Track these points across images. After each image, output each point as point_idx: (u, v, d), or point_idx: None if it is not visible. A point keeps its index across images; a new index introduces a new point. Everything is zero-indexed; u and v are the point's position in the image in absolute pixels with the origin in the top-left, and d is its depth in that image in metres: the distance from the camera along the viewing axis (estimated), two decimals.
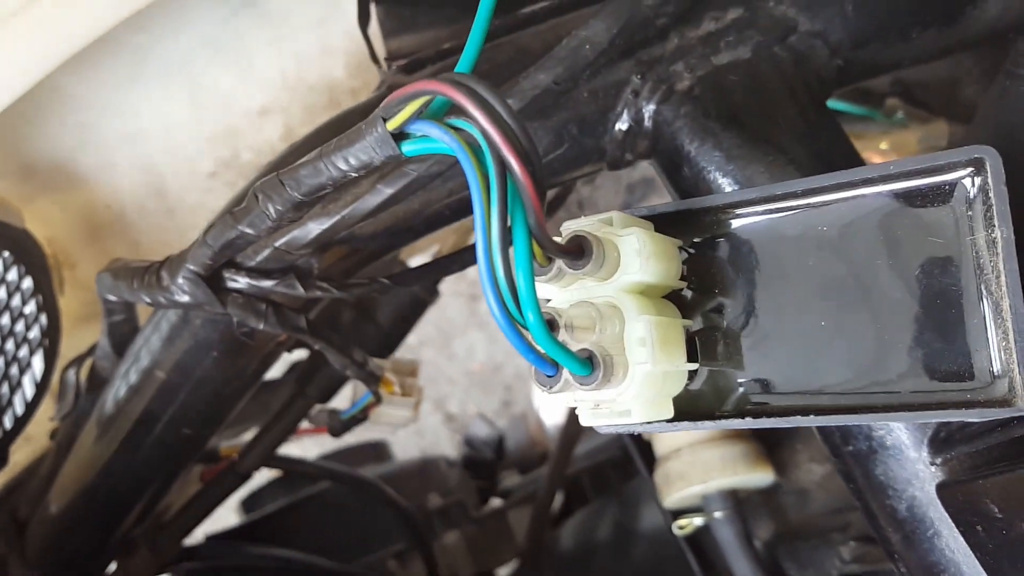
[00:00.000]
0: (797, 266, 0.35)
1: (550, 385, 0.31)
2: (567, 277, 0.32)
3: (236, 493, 0.98)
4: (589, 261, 0.31)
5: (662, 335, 0.32)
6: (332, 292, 0.44)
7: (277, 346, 0.54)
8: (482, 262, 0.28)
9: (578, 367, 0.30)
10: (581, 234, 0.31)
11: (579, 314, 0.31)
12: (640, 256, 0.32)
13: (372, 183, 0.41)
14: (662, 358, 0.32)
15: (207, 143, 0.70)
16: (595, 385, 0.30)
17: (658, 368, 0.32)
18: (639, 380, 0.31)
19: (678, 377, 0.35)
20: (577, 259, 0.31)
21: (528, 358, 0.30)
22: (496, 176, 0.27)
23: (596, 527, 1.08)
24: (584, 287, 0.33)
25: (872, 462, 0.39)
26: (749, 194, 0.35)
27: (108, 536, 0.73)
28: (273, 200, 0.36)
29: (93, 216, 0.71)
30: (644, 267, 0.32)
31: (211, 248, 0.41)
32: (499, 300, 0.29)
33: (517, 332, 0.29)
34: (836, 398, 0.34)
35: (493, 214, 0.27)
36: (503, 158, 0.26)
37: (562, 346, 0.30)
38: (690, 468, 0.63)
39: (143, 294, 0.45)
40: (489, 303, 0.29)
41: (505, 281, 0.28)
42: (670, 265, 0.34)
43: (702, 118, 0.43)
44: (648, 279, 0.32)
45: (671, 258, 0.34)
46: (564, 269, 0.31)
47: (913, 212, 0.34)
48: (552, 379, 0.31)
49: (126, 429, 0.60)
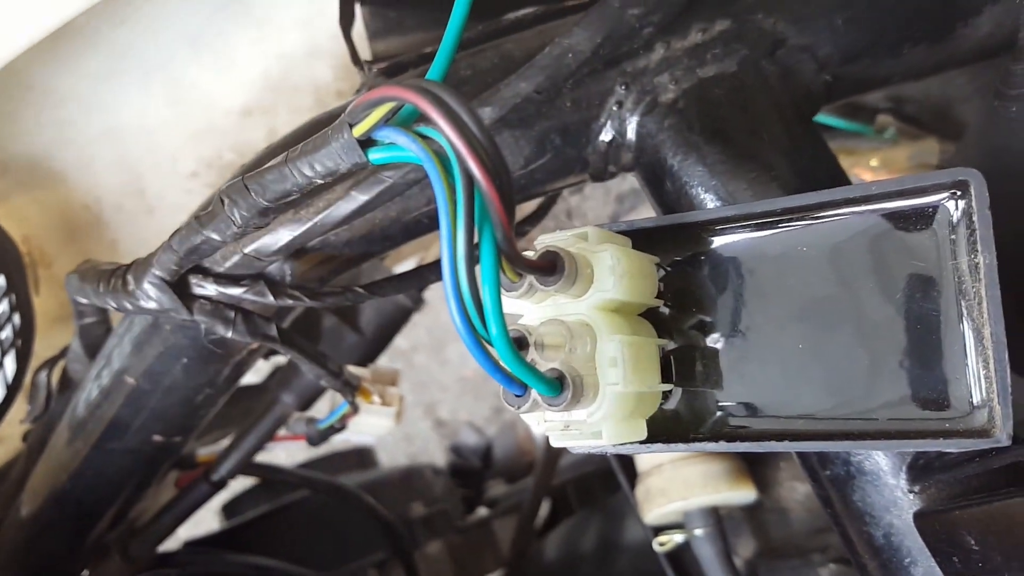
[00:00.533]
0: (776, 286, 0.35)
1: (518, 405, 0.30)
2: (539, 293, 0.31)
3: (217, 499, 0.97)
4: (561, 278, 0.30)
5: (635, 355, 0.31)
6: (303, 301, 0.43)
7: (249, 354, 0.53)
8: (447, 277, 0.27)
9: (545, 388, 0.29)
10: (554, 249, 0.30)
11: (549, 332, 0.30)
12: (614, 273, 0.31)
13: (346, 189, 0.40)
14: (634, 379, 0.31)
15: (188, 143, 0.69)
16: (563, 406, 0.29)
17: (630, 389, 0.31)
18: (610, 402, 0.30)
19: (652, 398, 0.34)
20: (549, 275, 0.30)
21: (495, 377, 0.29)
22: (463, 188, 0.26)
23: (580, 539, 1.07)
24: (557, 304, 0.32)
25: (850, 488, 0.38)
26: (728, 211, 0.34)
27: (80, 541, 0.72)
28: (239, 205, 0.35)
29: (70, 215, 0.70)
30: (618, 285, 0.31)
31: (176, 253, 0.39)
32: (464, 316, 0.28)
33: (483, 350, 0.28)
34: (813, 423, 0.33)
35: (459, 227, 0.26)
36: (468, 170, 0.25)
37: (528, 366, 0.28)
38: (671, 484, 0.62)
39: (109, 298, 0.44)
40: (454, 319, 0.28)
41: (470, 297, 0.27)
42: (646, 283, 0.33)
43: (686, 131, 0.42)
44: (622, 297, 0.31)
45: (647, 276, 0.34)
46: (535, 285, 0.30)
47: (895, 234, 0.33)
48: (520, 399, 0.30)
49: (96, 434, 0.59)
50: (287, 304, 0.43)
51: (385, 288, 0.46)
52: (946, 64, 0.49)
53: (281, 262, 0.45)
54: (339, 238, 0.45)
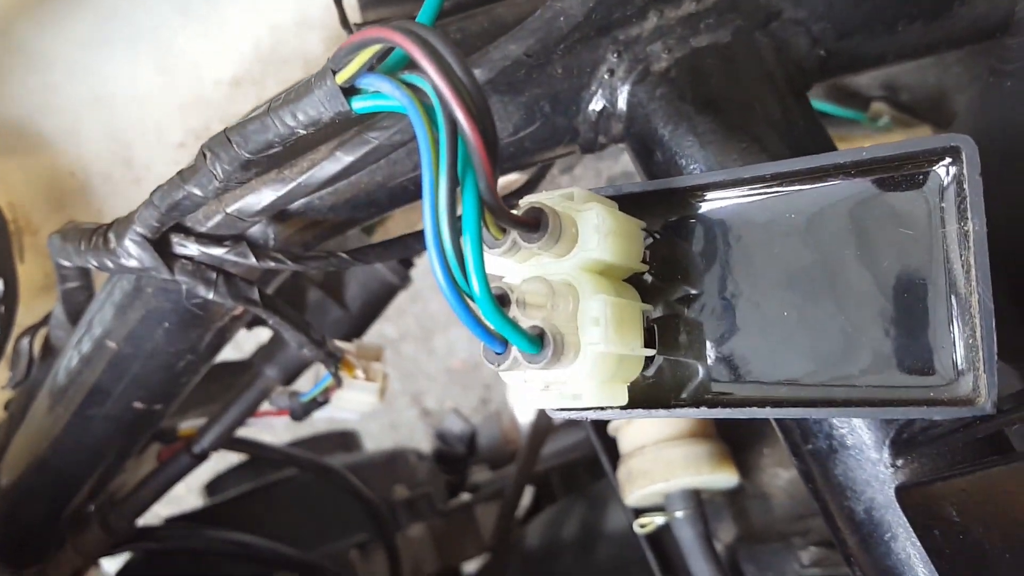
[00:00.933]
0: (764, 254, 0.34)
1: (498, 362, 0.30)
2: (522, 252, 0.31)
3: (199, 477, 0.96)
4: (545, 234, 0.29)
5: (618, 316, 0.31)
6: (286, 264, 0.43)
7: (232, 320, 0.52)
8: (428, 228, 0.27)
9: (527, 344, 0.29)
10: (538, 206, 0.30)
11: (531, 289, 0.29)
12: (599, 232, 0.30)
13: (331, 150, 0.39)
14: (616, 340, 0.30)
15: (177, 112, 0.68)
16: (544, 364, 0.29)
17: (611, 349, 0.30)
18: (591, 361, 0.30)
19: (634, 363, 0.34)
20: (532, 232, 0.30)
21: (475, 332, 0.29)
22: (447, 136, 0.26)
23: (563, 525, 1.06)
24: (540, 264, 0.32)
25: (832, 462, 0.37)
26: (717, 176, 0.34)
27: (60, 511, 0.72)
28: (220, 158, 0.34)
29: (57, 182, 0.69)
30: (602, 244, 0.30)
31: (158, 209, 0.39)
32: (446, 269, 0.27)
33: (464, 304, 0.28)
34: (796, 390, 0.33)
35: (441, 177, 0.26)
36: (452, 114, 0.25)
37: (510, 321, 0.28)
38: (654, 466, 0.61)
39: (91, 257, 0.43)
40: (435, 272, 0.27)
41: (452, 249, 0.27)
42: (630, 246, 0.33)
43: (677, 101, 0.41)
44: (606, 258, 0.31)
45: (632, 238, 0.33)
46: (519, 242, 0.30)
47: (885, 201, 0.32)
48: (501, 356, 0.30)
49: (77, 401, 0.59)
50: (269, 267, 0.42)
51: (370, 255, 0.46)
52: (940, 44, 0.49)
53: (264, 225, 0.45)
54: (323, 202, 0.45)
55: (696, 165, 0.40)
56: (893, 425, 0.36)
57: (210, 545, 0.88)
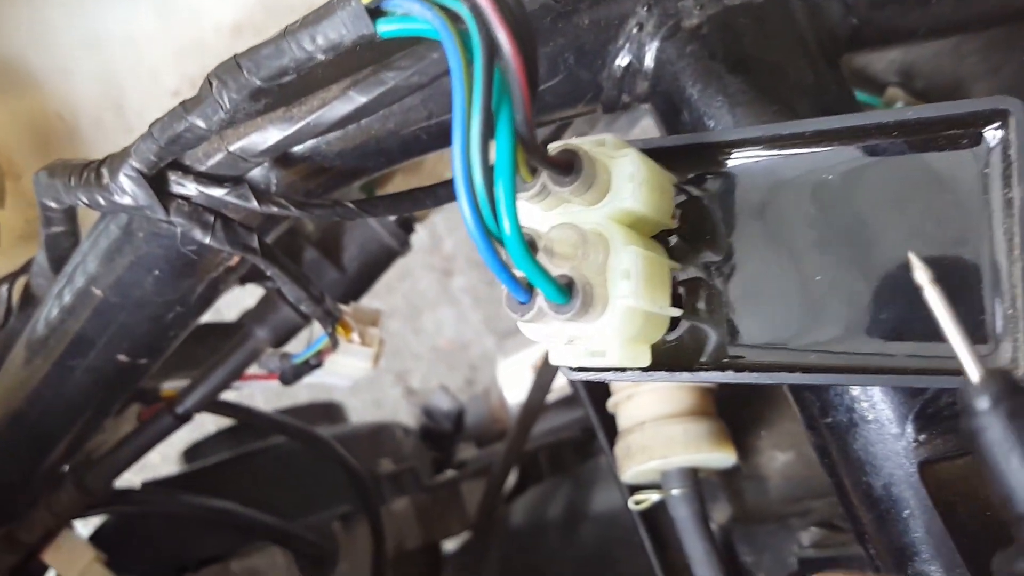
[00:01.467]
0: (796, 216, 0.33)
1: (522, 312, 0.28)
2: (551, 198, 0.29)
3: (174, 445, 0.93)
4: (578, 178, 0.28)
5: (648, 270, 0.29)
6: (289, 209, 0.41)
7: (227, 272, 0.50)
8: (458, 163, 0.25)
9: (555, 292, 0.27)
10: (572, 148, 0.28)
11: (561, 236, 0.28)
12: (633, 181, 0.29)
13: (343, 89, 0.37)
14: (645, 295, 0.29)
15: (173, 57, 0.65)
16: (571, 315, 0.27)
17: (640, 305, 0.29)
18: (619, 316, 0.28)
19: (659, 323, 0.32)
20: (565, 175, 0.28)
21: (501, 278, 0.27)
22: (483, 60, 0.24)
23: (548, 505, 1.06)
24: (568, 212, 0.30)
25: (851, 436, 0.36)
26: (753, 132, 0.32)
27: (33, 468, 0.69)
28: (228, 86, 0.32)
29: (44, 125, 0.67)
30: (636, 193, 0.29)
31: (156, 142, 0.37)
32: (474, 208, 0.25)
33: (491, 247, 0.26)
34: (825, 357, 0.31)
35: (475, 106, 0.24)
36: (493, 34, 0.23)
37: (540, 266, 0.26)
38: (653, 442, 0.60)
39: (81, 193, 0.41)
40: (462, 210, 0.26)
41: (483, 186, 0.25)
42: (663, 199, 0.31)
43: (708, 59, 0.40)
44: (639, 208, 0.29)
45: (664, 192, 0.32)
46: (549, 186, 0.28)
47: (926, 164, 0.31)
48: (524, 306, 0.28)
49: (58, 351, 0.56)
50: (271, 211, 0.40)
51: (378, 207, 0.44)
52: (972, 22, 0.47)
53: (266, 169, 0.42)
54: (331, 147, 0.43)
55: (725, 126, 0.39)
56: (918, 399, 0.35)
57: (188, 510, 0.86)
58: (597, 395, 0.68)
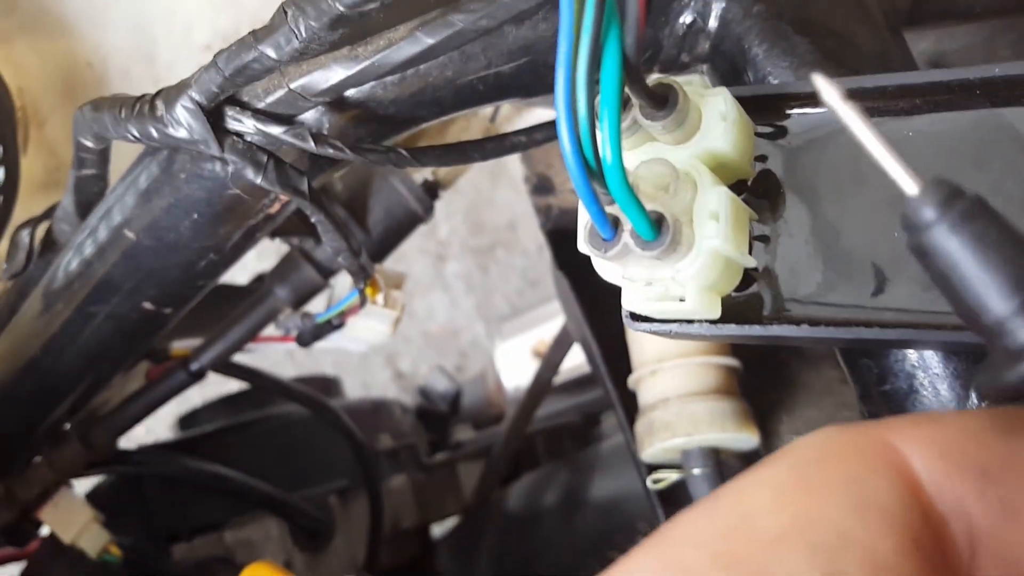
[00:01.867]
0: (868, 173, 0.32)
1: (605, 249, 0.28)
2: (638, 135, 0.28)
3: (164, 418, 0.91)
4: (672, 113, 0.27)
5: (735, 213, 0.29)
6: (345, 153, 0.40)
7: (265, 219, 0.49)
8: (561, 84, 0.25)
9: (647, 228, 0.27)
10: (667, 82, 0.28)
11: (653, 172, 0.27)
12: (725, 120, 0.28)
13: (410, 29, 0.37)
14: (731, 239, 0.29)
15: (207, 10, 0.64)
16: (659, 252, 0.27)
17: (726, 248, 0.28)
18: (704, 257, 0.28)
19: (735, 272, 0.32)
20: (659, 109, 0.27)
21: (591, 210, 0.27)
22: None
23: (547, 490, 1.05)
24: (653, 150, 0.29)
25: (910, 403, 0.36)
26: (852, 83, 0.32)
27: (39, 421, 0.68)
28: (306, 13, 0.31)
29: (72, 72, 0.65)
30: (727, 133, 0.28)
31: (221, 72, 0.36)
32: (574, 133, 0.25)
33: (587, 178, 0.26)
34: (901, 315, 0.31)
35: (588, 17, 0.23)
36: None
37: (637, 198, 0.26)
38: (677, 419, 0.60)
39: (132, 125, 0.40)
40: (561, 137, 0.25)
41: (586, 110, 0.25)
42: (748, 144, 0.31)
43: (775, 19, 0.39)
44: (727, 149, 0.29)
45: (750, 137, 0.31)
46: (639, 120, 0.28)
47: (1009, 123, 0.31)
48: (608, 243, 0.28)
49: (81, 296, 0.55)
50: (327, 153, 0.40)
51: (428, 156, 0.43)
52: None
53: (320, 112, 0.42)
54: (387, 93, 0.42)
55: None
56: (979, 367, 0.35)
57: (187, 475, 0.85)
58: (618, 371, 0.68)
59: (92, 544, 0.75)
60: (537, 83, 0.43)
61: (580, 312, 0.68)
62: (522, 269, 2.30)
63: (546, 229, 0.76)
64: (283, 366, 0.97)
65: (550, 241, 0.74)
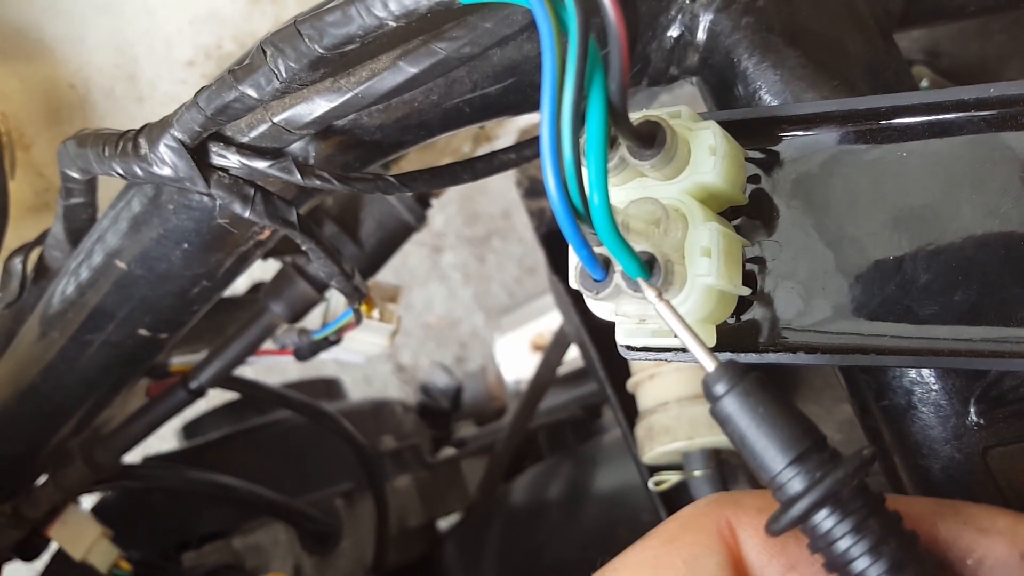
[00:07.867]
0: (865, 195, 0.32)
1: (597, 290, 0.27)
2: (627, 171, 0.28)
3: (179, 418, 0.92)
4: (660, 151, 0.27)
5: (727, 248, 0.28)
6: (332, 183, 0.40)
7: (255, 245, 0.48)
8: (546, 131, 0.24)
9: (637, 269, 0.26)
10: (654, 119, 0.27)
11: (642, 211, 0.27)
12: (715, 154, 0.28)
13: (393, 59, 0.36)
14: (724, 274, 0.28)
15: (188, 27, 0.63)
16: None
17: (719, 284, 0.28)
18: (697, 294, 0.28)
19: (729, 302, 0.31)
20: (646, 148, 0.27)
21: (580, 254, 0.26)
22: (578, 22, 0.23)
23: (550, 484, 1.05)
24: (643, 186, 0.29)
25: (908, 418, 0.36)
26: (827, 107, 0.32)
27: (43, 443, 0.68)
28: (285, 55, 0.31)
29: (55, 94, 0.64)
30: (717, 167, 0.28)
31: (202, 112, 0.35)
32: (559, 178, 0.25)
33: (574, 222, 0.25)
34: (896, 341, 0.31)
35: (570, 68, 0.23)
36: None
37: (625, 241, 0.26)
38: (677, 423, 0.60)
39: (116, 163, 0.39)
40: (547, 183, 0.25)
41: (571, 156, 0.24)
42: (739, 173, 0.30)
43: (765, 32, 0.39)
44: (718, 183, 0.29)
45: (741, 166, 0.31)
46: (627, 159, 0.27)
47: (1005, 143, 0.30)
48: (600, 284, 0.27)
49: (75, 325, 0.55)
50: (314, 185, 0.39)
51: (417, 181, 0.43)
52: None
53: (306, 141, 0.41)
54: (372, 120, 0.41)
55: (783, 100, 0.38)
56: (979, 382, 0.34)
57: (194, 486, 0.85)
58: (615, 374, 0.68)
59: (102, 560, 0.75)
60: (524, 102, 0.42)
61: (577, 316, 0.68)
62: (519, 257, 2.29)
63: (540, 232, 0.75)
64: (285, 366, 0.97)
65: (544, 244, 0.73)
